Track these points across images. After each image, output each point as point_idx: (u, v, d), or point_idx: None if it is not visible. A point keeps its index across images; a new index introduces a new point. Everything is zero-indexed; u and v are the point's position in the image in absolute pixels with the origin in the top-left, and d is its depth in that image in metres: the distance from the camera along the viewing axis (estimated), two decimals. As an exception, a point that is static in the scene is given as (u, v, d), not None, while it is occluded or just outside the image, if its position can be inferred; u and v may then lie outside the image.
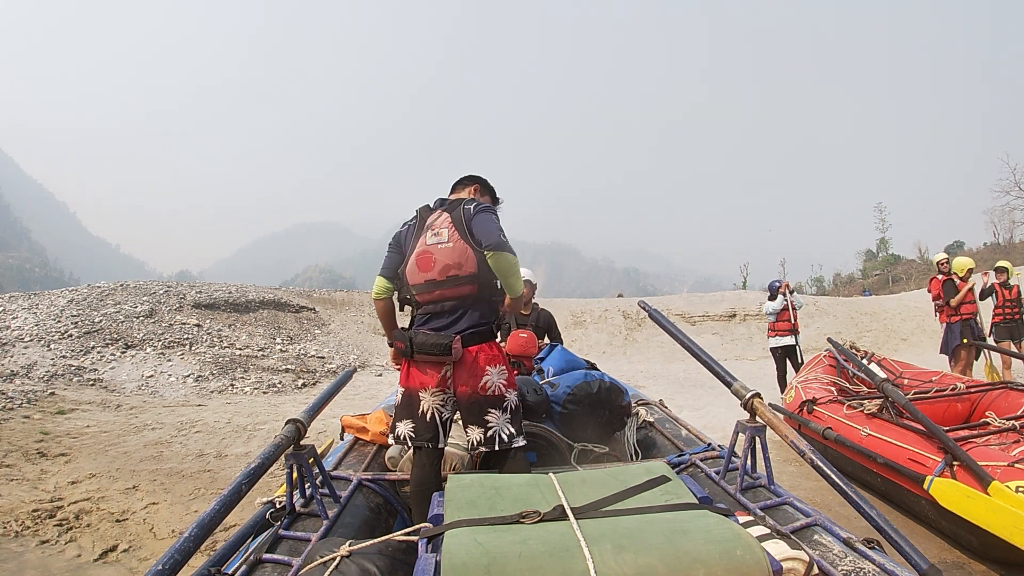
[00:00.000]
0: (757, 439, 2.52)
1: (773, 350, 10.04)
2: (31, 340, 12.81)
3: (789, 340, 9.79)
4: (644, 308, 3.55)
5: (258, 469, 2.07)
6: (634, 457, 3.72)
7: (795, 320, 9.81)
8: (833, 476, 2.11)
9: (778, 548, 1.92)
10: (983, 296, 9.77)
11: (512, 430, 2.88)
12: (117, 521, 4.88)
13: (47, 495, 5.40)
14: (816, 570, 1.90)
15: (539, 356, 4.67)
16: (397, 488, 3.08)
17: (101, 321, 14.60)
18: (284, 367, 14.46)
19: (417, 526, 2.12)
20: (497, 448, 2.83)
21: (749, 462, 2.58)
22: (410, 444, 2.88)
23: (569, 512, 1.90)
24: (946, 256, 9.93)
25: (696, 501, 2.07)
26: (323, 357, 16.25)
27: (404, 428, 2.90)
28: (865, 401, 5.49)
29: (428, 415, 2.87)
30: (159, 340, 14.28)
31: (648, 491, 2.13)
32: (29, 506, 5.06)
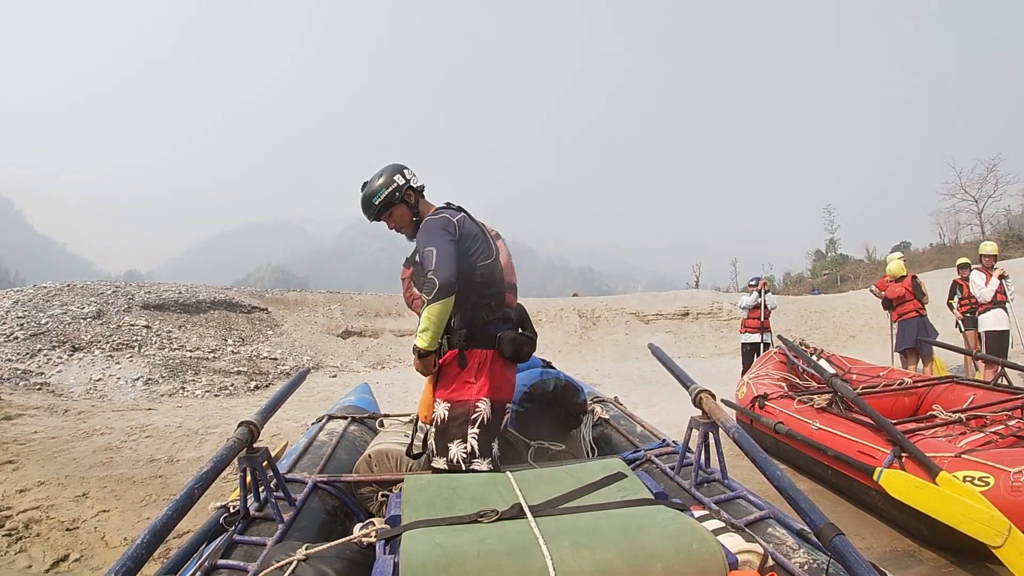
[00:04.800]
0: (710, 434, 2.55)
1: (743, 346, 10.24)
2: None
3: (756, 337, 9.97)
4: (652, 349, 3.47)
5: (210, 473, 2.03)
6: (590, 454, 3.74)
7: (765, 318, 9.97)
8: (746, 446, 2.14)
9: (733, 541, 1.95)
10: (951, 294, 10.14)
11: None
12: (68, 530, 4.72)
13: None
14: (771, 562, 1.93)
15: None
16: (353, 490, 3.05)
17: (47, 323, 14.19)
18: (236, 369, 14.22)
19: (374, 527, 2.10)
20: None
21: (703, 457, 2.61)
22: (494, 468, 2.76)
23: (527, 510, 1.91)
24: (898, 255, 10.22)
25: (652, 497, 2.09)
26: (276, 359, 16.02)
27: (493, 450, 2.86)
28: (815, 396, 5.57)
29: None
30: (107, 342, 13.90)
31: (605, 488, 2.14)
32: None
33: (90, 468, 6.34)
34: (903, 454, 4.03)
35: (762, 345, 9.82)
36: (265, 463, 2.40)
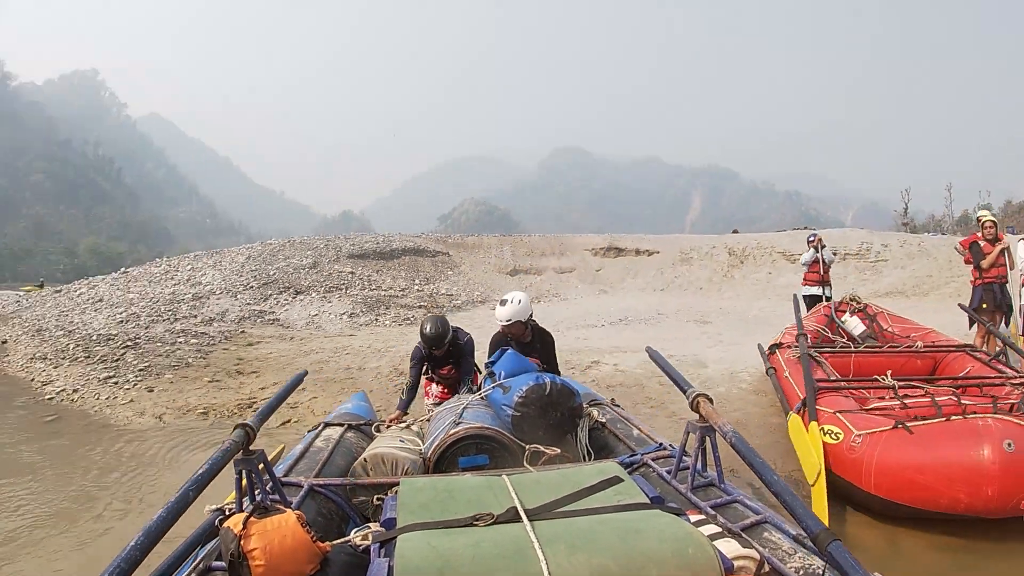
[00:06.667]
0: (707, 438, 2.54)
1: (804, 298, 10.39)
2: (221, 293, 16.44)
3: (816, 290, 10.54)
4: (649, 352, 3.47)
5: (206, 475, 2.02)
6: (586, 458, 3.74)
7: (825, 272, 10.59)
8: (743, 450, 2.15)
9: (729, 546, 1.94)
10: None
11: None
12: (290, 407, 7.40)
13: (244, 396, 8.40)
14: (767, 567, 1.93)
15: (490, 360, 4.67)
16: (349, 493, 3.04)
17: (275, 274, 18.36)
18: (418, 304, 18.16)
19: (370, 530, 2.10)
20: None
21: (700, 462, 2.61)
22: None
23: (523, 514, 1.90)
24: (988, 215, 9.03)
25: (648, 501, 2.09)
26: (451, 295, 19.93)
27: None
28: (824, 347, 6.66)
29: None
30: (321, 286, 17.96)
31: (601, 492, 2.14)
32: (234, 403, 8.11)
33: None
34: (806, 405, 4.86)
35: (824, 298, 10.11)
36: (261, 466, 2.39)
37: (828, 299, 9.87)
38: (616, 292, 22.51)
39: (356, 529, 2.23)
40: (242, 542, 1.82)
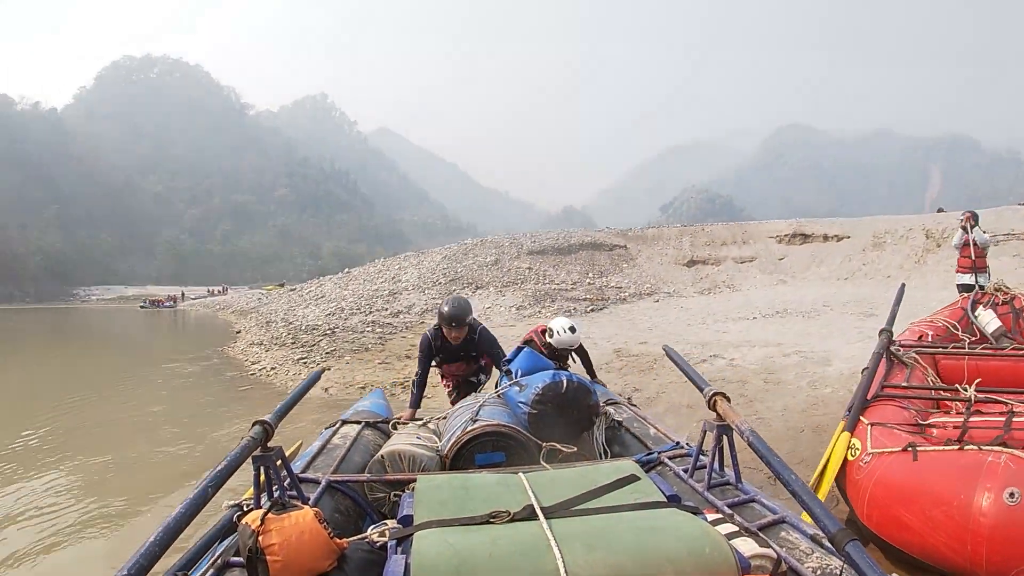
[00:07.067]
0: (724, 437, 2.53)
1: (957, 287, 9.41)
2: (413, 289, 19.12)
3: (968, 278, 9.15)
4: (666, 351, 3.46)
5: (224, 472, 2.03)
6: (603, 456, 3.74)
7: (977, 257, 9.14)
8: (760, 449, 2.12)
9: (746, 545, 1.94)
10: None
11: None
12: (432, 386, 8.41)
13: (402, 376, 10.14)
14: (784, 567, 1.92)
15: (507, 358, 4.69)
16: (366, 490, 3.05)
17: (461, 271, 20.99)
18: (584, 296, 19.29)
19: (387, 527, 2.11)
20: None
21: (717, 461, 2.60)
22: None
23: (539, 512, 1.90)
24: None
25: (665, 499, 2.08)
26: (620, 287, 21.11)
27: None
28: (936, 347, 5.58)
29: None
30: (499, 281, 20.08)
31: (617, 490, 2.13)
32: (390, 381, 9.93)
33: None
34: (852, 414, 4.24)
35: (978, 287, 8.20)
36: (279, 462, 2.40)
37: (982, 288, 7.80)
38: (795, 282, 21.62)
39: (373, 526, 2.24)
40: (260, 538, 1.83)
